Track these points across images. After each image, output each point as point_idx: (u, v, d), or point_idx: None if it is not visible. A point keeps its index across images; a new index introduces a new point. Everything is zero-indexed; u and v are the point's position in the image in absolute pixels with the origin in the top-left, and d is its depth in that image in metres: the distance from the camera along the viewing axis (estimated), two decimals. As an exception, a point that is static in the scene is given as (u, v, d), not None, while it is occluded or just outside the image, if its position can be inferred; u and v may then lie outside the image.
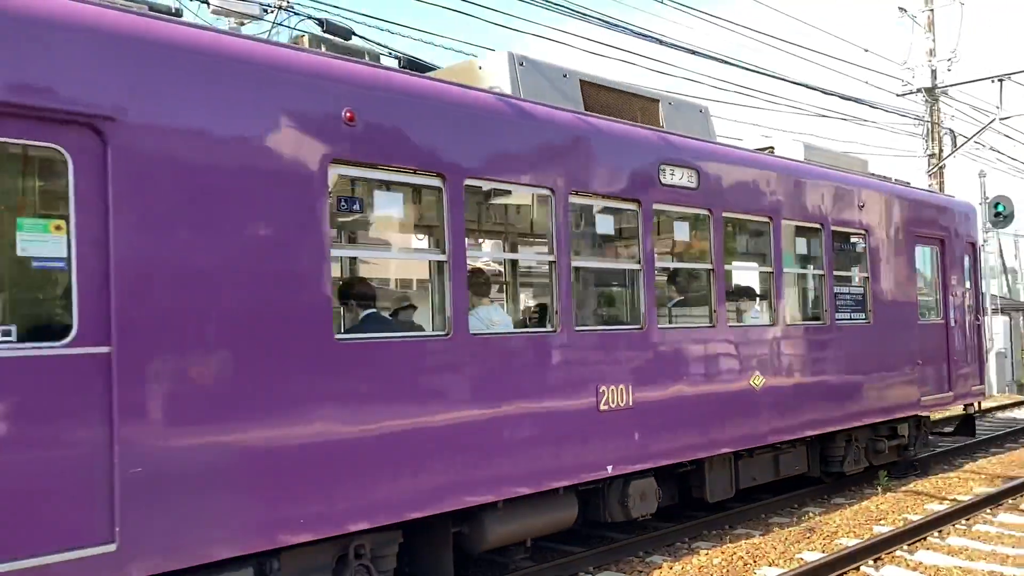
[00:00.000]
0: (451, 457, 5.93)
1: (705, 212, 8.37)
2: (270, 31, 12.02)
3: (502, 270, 7.62)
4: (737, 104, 51.29)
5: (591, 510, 7.42)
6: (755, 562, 7.41)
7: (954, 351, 12.46)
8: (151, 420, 4.57)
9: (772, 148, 10.65)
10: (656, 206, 7.84)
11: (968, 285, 13.27)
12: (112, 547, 4.36)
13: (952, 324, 12.56)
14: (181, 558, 4.61)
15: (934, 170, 23.54)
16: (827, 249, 10.03)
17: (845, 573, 7.12)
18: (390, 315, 6.79)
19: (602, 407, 7.04)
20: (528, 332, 7.24)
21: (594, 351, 7.17)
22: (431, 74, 7.00)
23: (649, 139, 8.00)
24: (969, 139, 23.66)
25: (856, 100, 20.49)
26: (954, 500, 9.72)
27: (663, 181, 7.88)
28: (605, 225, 8.05)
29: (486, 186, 6.80)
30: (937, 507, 9.35)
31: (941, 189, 23.05)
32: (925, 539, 8.14)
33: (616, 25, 13.05)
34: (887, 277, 11.06)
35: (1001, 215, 24.62)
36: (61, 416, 4.30)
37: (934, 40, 23.54)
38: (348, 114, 5.51)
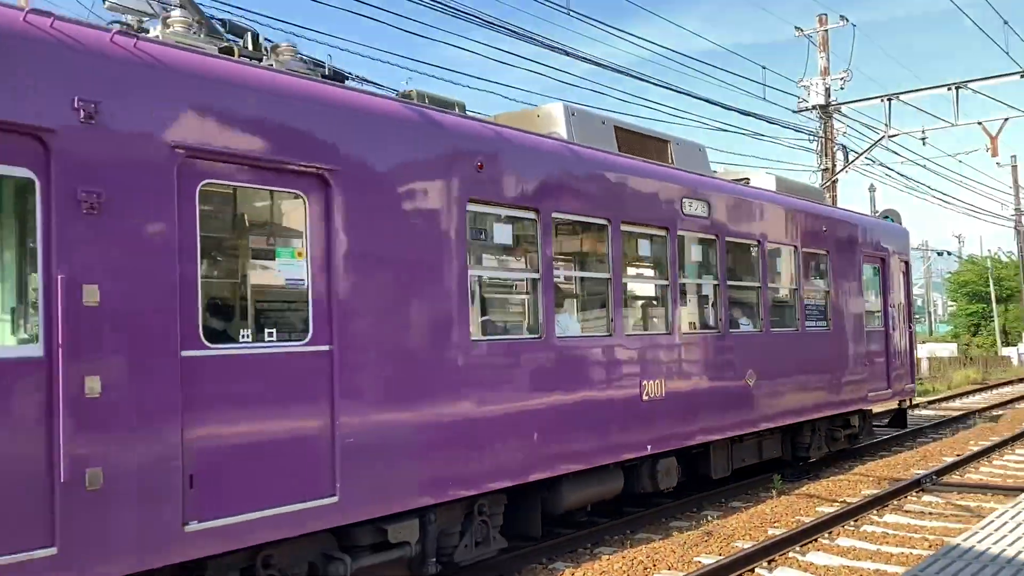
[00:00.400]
0: (544, 435, 7.51)
1: (713, 236, 10.20)
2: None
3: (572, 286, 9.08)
4: (642, 117, 52.12)
5: (629, 483, 8.90)
6: (655, 566, 7.54)
7: (892, 354, 14.56)
8: (358, 401, 5.97)
9: (748, 179, 12.39)
10: (679, 232, 9.55)
11: (902, 297, 15.43)
12: (335, 499, 5.73)
13: (891, 331, 14.66)
14: (377, 509, 6.07)
15: (827, 184, 24.47)
16: (798, 268, 11.86)
17: (740, 575, 7.31)
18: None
19: (644, 398, 8.73)
20: (593, 336, 8.57)
21: (639, 352, 8.84)
22: (496, 118, 8.76)
23: (676, 177, 9.78)
24: (860, 155, 24.69)
25: (755, 115, 21.18)
26: (844, 502, 10.08)
27: (685, 211, 9.66)
28: (644, 249, 9.63)
29: (564, 218, 8.25)
30: (828, 509, 9.69)
31: (834, 202, 23.99)
32: (816, 540, 8.42)
33: (524, 36, 13.15)
34: (843, 291, 13.02)
35: (889, 228, 25.69)
36: (303, 397, 5.69)
37: (828, 59, 24.51)
38: (479, 164, 7.14)
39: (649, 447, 8.77)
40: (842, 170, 24.51)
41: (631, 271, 9.49)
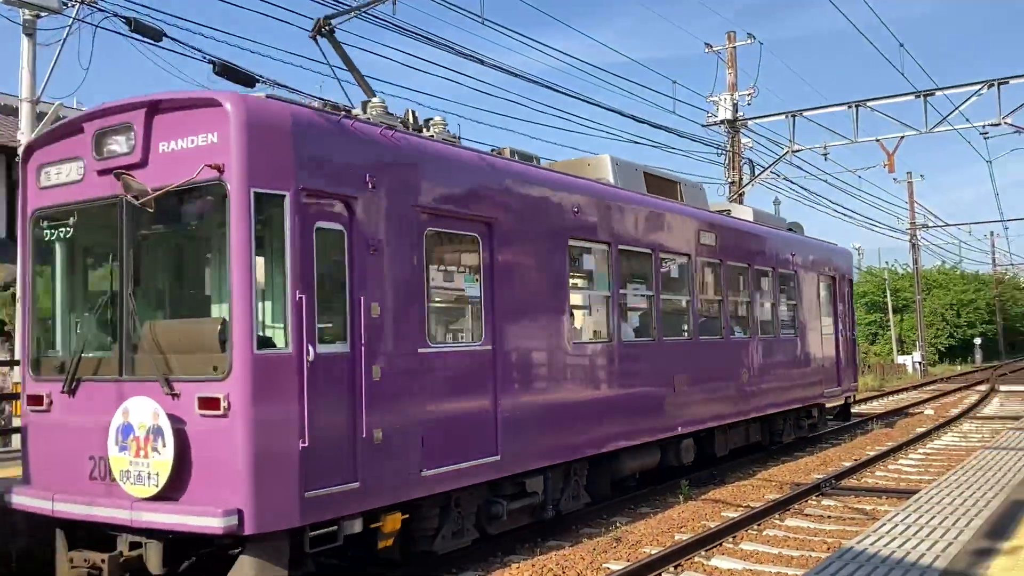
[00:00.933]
0: (613, 417, 9.86)
1: (718, 261, 12.71)
2: (70, 26, 11.31)
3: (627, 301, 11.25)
4: (555, 127, 52.60)
5: (663, 458, 11.17)
6: (564, 573, 7.60)
7: (841, 358, 17.38)
8: (509, 387, 8.22)
9: (729, 210, 14.92)
10: (697, 258, 12.03)
11: (848, 310, 18.23)
12: (497, 458, 7.94)
13: (840, 338, 17.43)
14: (520, 466, 8.31)
15: (734, 196, 25.12)
16: (775, 286, 14.68)
17: (648, 580, 7.42)
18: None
19: (675, 390, 11.06)
20: (642, 340, 11.00)
21: (671, 354, 11.25)
22: (557, 165, 11.12)
23: (695, 215, 12.37)
24: (766, 169, 25.45)
25: (666, 128, 21.62)
26: (748, 507, 10.35)
27: (700, 242, 12.15)
28: (674, 271, 11.99)
29: (625, 249, 10.51)
30: (733, 514, 9.93)
31: (741, 215, 24.57)
32: (721, 544, 8.62)
33: (438, 42, 13.14)
34: (806, 304, 15.84)
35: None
36: (479, 383, 7.94)
37: (736, 76, 25.21)
38: (575, 210, 9.50)
39: (679, 428, 11.18)
40: (748, 184, 25.22)
41: (665, 289, 11.62)
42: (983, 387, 30.97)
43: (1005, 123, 21.93)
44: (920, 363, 45.84)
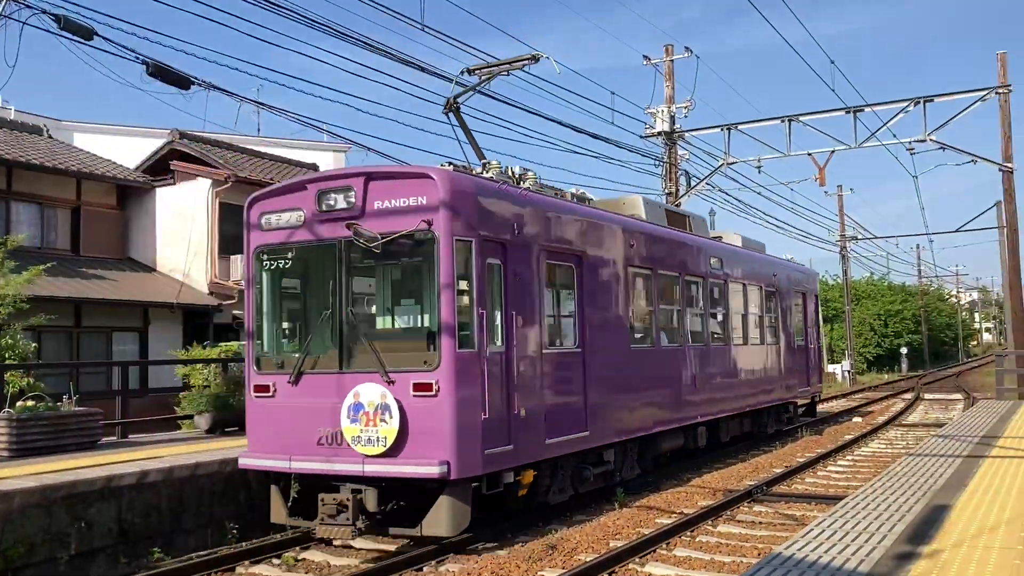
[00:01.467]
0: (657, 406, 12.77)
1: (722, 281, 15.66)
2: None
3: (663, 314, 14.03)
4: (494, 135, 52.66)
5: (685, 441, 14.08)
6: (500, 581, 7.59)
7: (810, 364, 20.85)
8: (593, 379, 10.71)
9: (721, 236, 17.64)
10: (708, 280, 14.98)
11: (814, 321, 21.68)
12: (587, 433, 10.46)
13: (810, 346, 20.94)
14: (601, 439, 10.95)
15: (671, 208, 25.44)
16: (763, 301, 17.82)
17: (583, 588, 7.46)
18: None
19: (696, 385, 14.01)
20: (674, 346, 13.78)
21: (693, 356, 14.15)
22: (599, 203, 13.09)
23: (707, 244, 15.42)
24: (701, 181, 25.87)
25: (604, 139, 21.80)
26: (681, 513, 10.48)
27: (711, 266, 15.10)
28: (693, 290, 14.63)
29: (662, 273, 13.31)
30: (666, 521, 10.04)
31: (677, 225, 24.87)
32: (655, 551, 8.71)
33: (378, 48, 13.07)
34: (786, 317, 19.14)
35: (727, 251, 26.97)
36: (574, 377, 10.50)
37: (673, 88, 25.57)
38: (632, 243, 12.22)
39: (698, 418, 14.07)
40: (685, 195, 25.59)
41: (688, 305, 14.30)
42: (909, 395, 31.89)
43: (930, 139, 22.67)
44: (849, 371, 46.96)
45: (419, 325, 9.25)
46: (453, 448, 8.26)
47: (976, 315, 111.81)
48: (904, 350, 56.71)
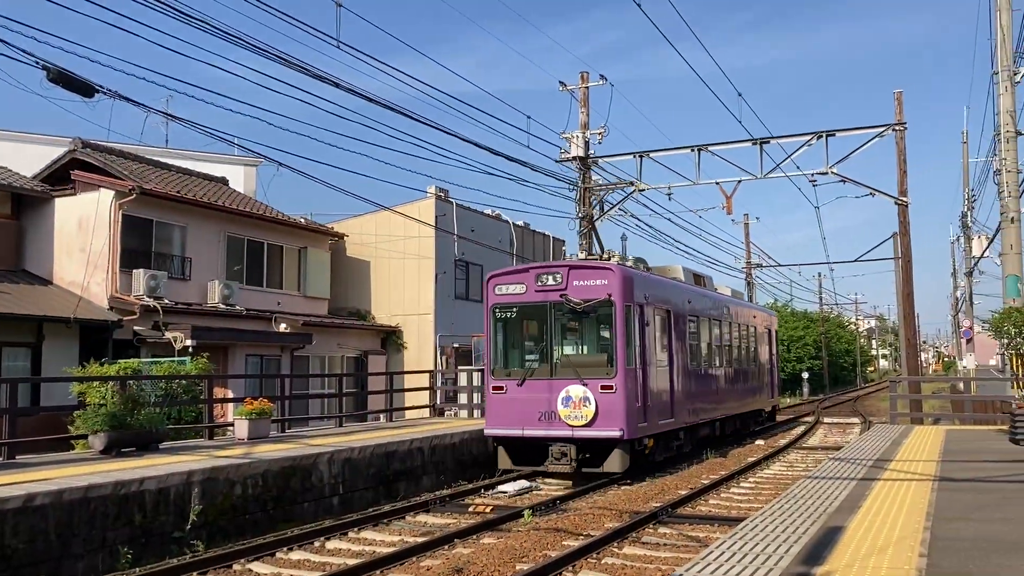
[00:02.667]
0: (701, 405, 19.41)
1: (728, 322, 22.31)
2: None
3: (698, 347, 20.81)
4: (410, 154, 52.52)
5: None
6: (404, 606, 7.48)
7: (773, 381, 28.36)
8: (676, 383, 17.47)
9: (716, 288, 23.67)
10: (721, 322, 21.52)
11: (775, 350, 29.16)
12: (673, 420, 17.18)
13: (773, 368, 28.54)
14: (679, 424, 17.57)
15: (585, 231, 25.77)
16: (748, 336, 24.89)
17: (487, 611, 7.43)
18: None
19: (716, 392, 20.74)
20: (704, 367, 20.11)
21: (715, 374, 21.07)
22: (656, 269, 19.63)
23: (718, 296, 22.74)
24: (614, 206, 26.29)
25: (520, 162, 21.99)
26: (588, 535, 10.53)
27: (722, 312, 21.91)
28: (715, 329, 21.10)
29: (703, 318, 20.20)
30: (573, 543, 10.08)
31: (590, 249, 25.28)
32: (561, 574, 8.72)
33: (292, 63, 12.91)
34: (760, 347, 26.47)
35: (638, 275, 27.49)
36: (667, 381, 17.08)
37: (588, 114, 25.97)
38: (689, 301, 19.10)
39: (719, 415, 20.92)
40: (598, 219, 25.95)
41: (712, 340, 21.19)
42: (809, 419, 32.85)
43: (832, 172, 23.56)
44: (753, 395, 47.99)
45: (602, 352, 15.79)
46: (624, 421, 14.85)
47: (873, 342, 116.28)
48: (806, 375, 58.47)
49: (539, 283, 15.77)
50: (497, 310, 16.21)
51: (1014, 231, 17.83)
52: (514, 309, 16.14)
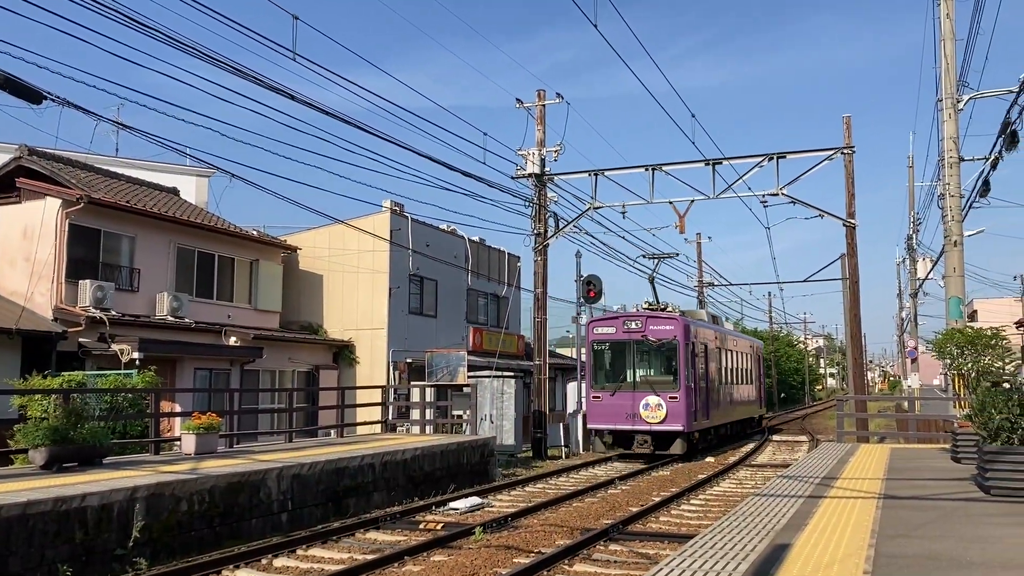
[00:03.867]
0: (723, 411, 28.26)
1: (733, 351, 30.52)
2: None
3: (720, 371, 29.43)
4: (366, 168, 52.28)
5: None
6: (352, 625, 7.38)
7: (762, 396, 37.05)
8: (713, 395, 26.59)
9: (721, 325, 31.69)
10: (731, 351, 30.21)
11: (761, 370, 37.54)
12: (709, 421, 26.03)
13: (761, 385, 36.85)
14: (711, 424, 26.43)
15: (539, 247, 25.84)
16: (745, 361, 33.27)
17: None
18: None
19: (731, 403, 29.49)
20: (724, 383, 28.80)
21: (729, 389, 29.50)
22: (692, 312, 28.56)
23: (727, 331, 32.02)
24: (569, 223, 26.42)
25: (476, 178, 22.01)
26: (539, 552, 10.53)
27: (730, 343, 30.41)
28: (726, 357, 29.51)
29: (722, 348, 28.74)
30: (524, 560, 10.06)
31: (544, 266, 25.33)
32: (511, 591, 8.69)
33: (247, 74, 12.80)
34: (753, 369, 34.99)
35: (592, 291, 27.65)
36: (705, 395, 25.42)
37: (544, 132, 26.13)
38: (717, 335, 28.28)
39: (729, 420, 29.01)
40: (553, 236, 26.06)
41: (728, 363, 29.34)
42: (759, 436, 33.27)
43: (782, 193, 23.98)
44: (704, 413, 48.54)
45: (669, 374, 23.21)
46: (684, 421, 22.37)
47: (822, 361, 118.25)
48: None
49: (625, 327, 23.81)
50: (595, 344, 24.32)
51: (957, 254, 18.28)
52: (607, 344, 24.21)
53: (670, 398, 22.80)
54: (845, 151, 24.97)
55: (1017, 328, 51.23)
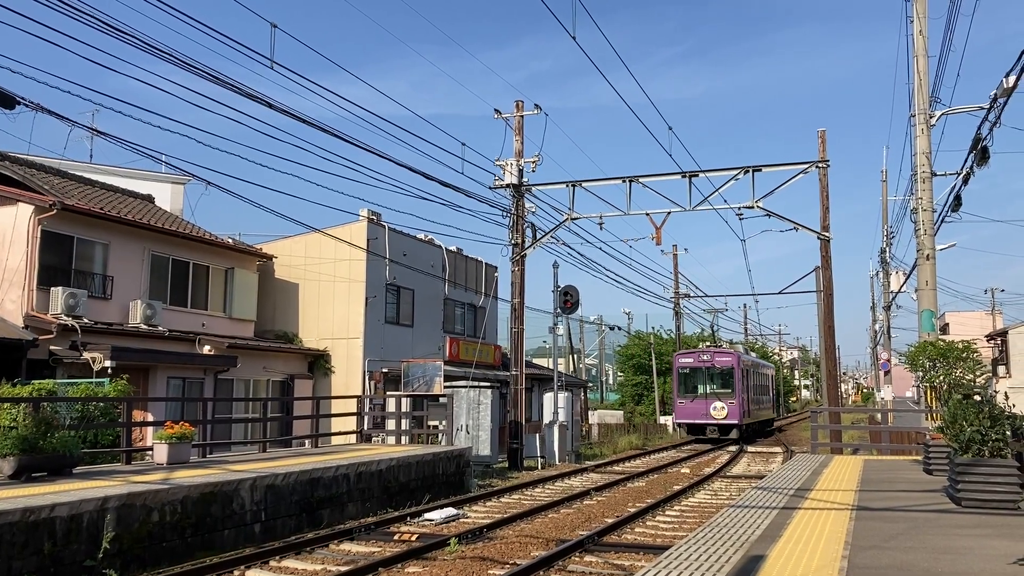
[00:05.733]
0: (753, 411, 42.90)
1: (759, 372, 46.80)
2: None
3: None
4: (343, 177, 52.07)
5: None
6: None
7: (775, 402, 56.12)
8: (745, 403, 40.10)
9: (746, 351, 51.47)
10: (759, 374, 46.66)
11: (774, 386, 55.07)
12: (737, 420, 38.62)
13: (775, 395, 55.29)
14: (746, 422, 40.37)
15: (517, 258, 25.85)
16: (765, 379, 49.56)
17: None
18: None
19: (762, 406, 46.26)
20: (757, 396, 45.64)
21: (758, 397, 44.86)
22: (732, 345, 54.45)
23: (754, 359, 49.33)
24: (547, 234, 26.46)
25: (454, 188, 22.00)
26: (514, 564, 10.50)
27: (758, 366, 47.87)
28: (752, 378, 43.64)
29: (753, 371, 44.42)
30: (499, 572, 10.03)
31: (522, 277, 25.33)
32: (486, 603, 8.64)
33: (225, 82, 12.74)
34: (770, 385, 52.18)
35: (569, 302, 27.69)
36: (741, 402, 39.75)
37: (522, 143, 26.19)
38: (751, 363, 44.48)
39: (761, 419, 45.21)
40: (530, 246, 26.09)
41: (757, 382, 45.24)
42: (733, 448, 33.45)
43: (757, 206, 24.17)
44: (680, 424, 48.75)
45: (728, 388, 38.18)
46: (738, 418, 37.76)
47: (796, 372, 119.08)
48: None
49: (700, 358, 39.46)
50: (680, 369, 39.64)
51: (929, 268, 18.49)
52: (688, 369, 39.46)
53: (729, 403, 37.89)
54: (820, 165, 25.21)
55: (988, 341, 51.91)
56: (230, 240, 28.34)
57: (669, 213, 24.98)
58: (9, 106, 10.32)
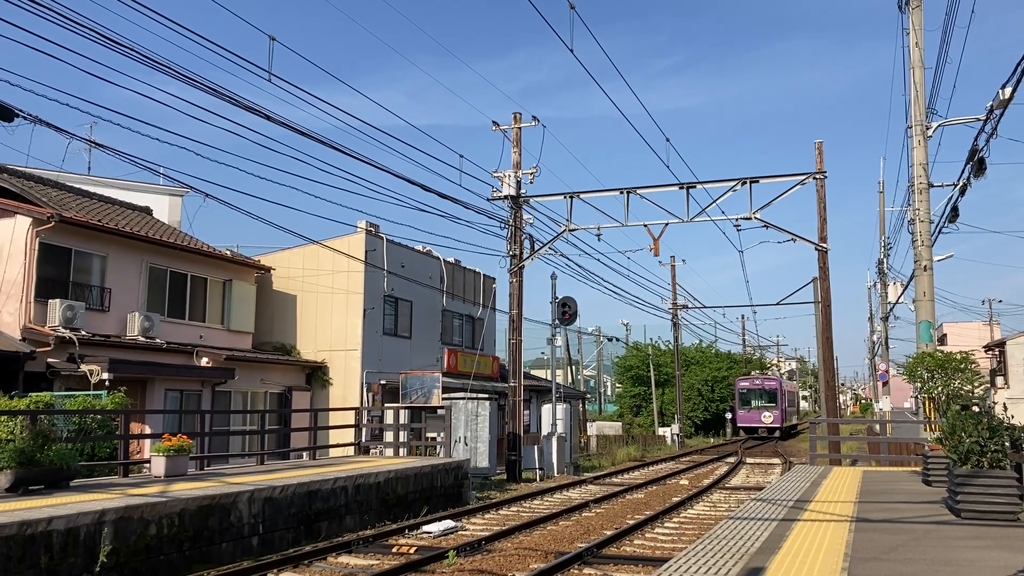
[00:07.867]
0: (789, 418, 63.13)
1: (790, 392, 66.47)
2: None
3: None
4: (341, 188, 52.23)
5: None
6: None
7: (797, 412, 73.57)
8: (784, 412, 58.86)
9: (779, 374, 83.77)
10: (791, 393, 66.93)
11: (795, 398, 72.69)
12: (785, 423, 61.94)
13: (796, 406, 72.77)
14: (786, 425, 61.36)
15: (515, 269, 25.87)
16: (790, 396, 65.72)
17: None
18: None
19: (789, 414, 62.14)
20: (788, 406, 62.80)
21: (789, 411, 62.13)
22: (773, 372, 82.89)
23: (785, 380, 69.77)
24: (544, 245, 26.49)
25: (452, 199, 22.04)
26: (513, 577, 10.46)
27: (785, 384, 64.64)
28: (789, 395, 63.97)
29: (786, 391, 62.71)
30: (498, 584, 9.98)
31: (520, 288, 25.35)
32: (484, 616, 8.62)
33: (223, 94, 12.77)
34: (794, 397, 71.06)
35: (567, 313, 27.70)
36: (782, 411, 59.55)
37: (520, 154, 26.24)
38: (787, 385, 65.49)
39: (790, 424, 63.28)
40: (528, 258, 26.11)
41: (790, 398, 63.56)
42: (732, 459, 33.37)
43: (755, 217, 24.21)
44: (678, 435, 48.67)
45: (773, 402, 56.31)
46: (780, 423, 55.86)
47: (794, 383, 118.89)
48: (729, 415, 59.65)
49: (753, 382, 57.69)
50: (740, 389, 57.19)
51: (927, 279, 18.51)
52: (746, 389, 57.12)
53: (774, 412, 54.88)
54: (817, 176, 25.28)
55: (986, 352, 51.94)
56: (228, 252, 28.35)
57: (667, 224, 25.05)
58: (8, 119, 10.34)
